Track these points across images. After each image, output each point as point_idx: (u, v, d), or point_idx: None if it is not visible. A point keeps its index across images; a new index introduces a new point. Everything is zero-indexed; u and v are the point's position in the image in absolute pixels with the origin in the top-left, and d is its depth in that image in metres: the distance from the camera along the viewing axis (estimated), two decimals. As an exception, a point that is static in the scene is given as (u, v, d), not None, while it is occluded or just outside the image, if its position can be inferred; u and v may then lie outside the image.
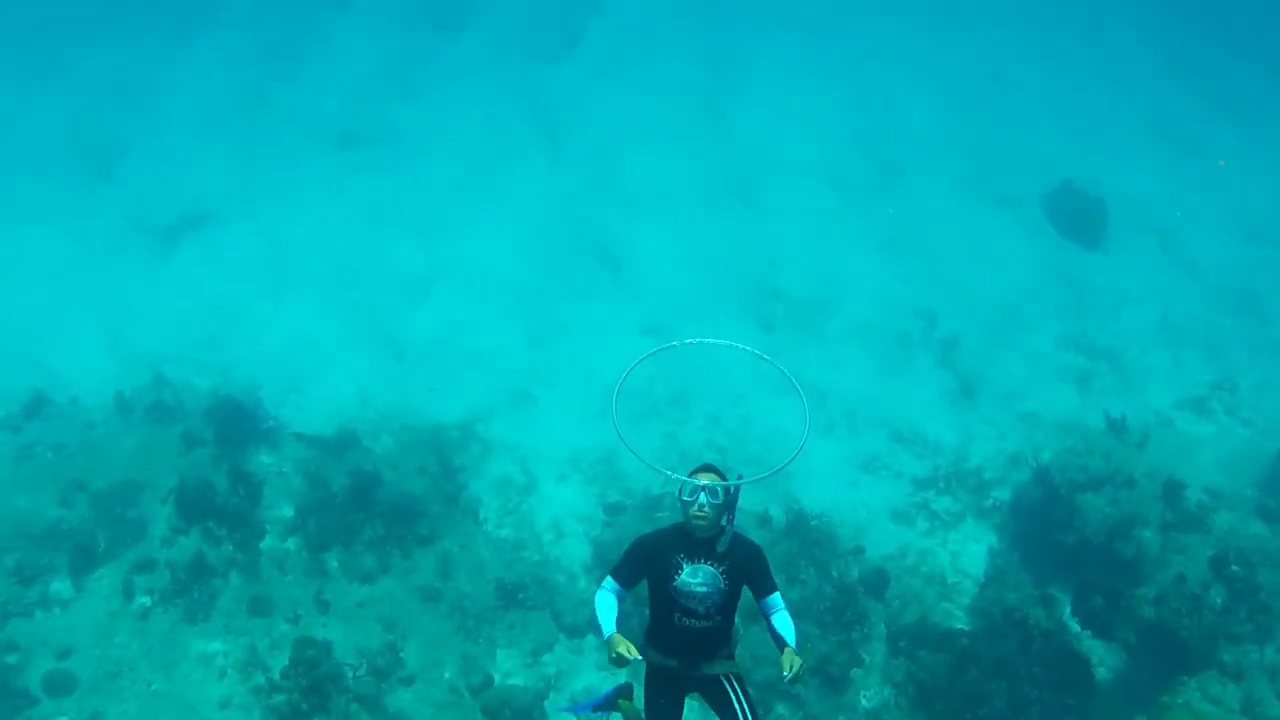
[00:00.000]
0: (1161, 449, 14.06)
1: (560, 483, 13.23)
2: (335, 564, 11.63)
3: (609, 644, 6.35)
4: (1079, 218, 19.50)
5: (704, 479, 6.40)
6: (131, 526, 12.05)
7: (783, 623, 6.57)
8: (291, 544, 11.81)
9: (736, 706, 6.81)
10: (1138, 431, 14.21)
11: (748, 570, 6.51)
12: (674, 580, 6.45)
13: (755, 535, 11.88)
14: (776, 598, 6.63)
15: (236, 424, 13.03)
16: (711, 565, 6.39)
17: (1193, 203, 20.63)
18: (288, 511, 12.10)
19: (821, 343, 15.96)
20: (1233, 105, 24.59)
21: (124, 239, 18.00)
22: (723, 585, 6.44)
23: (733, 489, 6.51)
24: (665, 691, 6.74)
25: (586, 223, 17.94)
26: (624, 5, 24.94)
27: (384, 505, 12.01)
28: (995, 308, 17.10)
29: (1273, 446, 14.15)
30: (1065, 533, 12.44)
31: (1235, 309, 18.29)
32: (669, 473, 6.11)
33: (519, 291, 16.00)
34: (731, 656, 6.87)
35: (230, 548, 11.58)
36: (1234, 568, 12.06)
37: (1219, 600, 11.74)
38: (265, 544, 11.77)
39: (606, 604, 6.59)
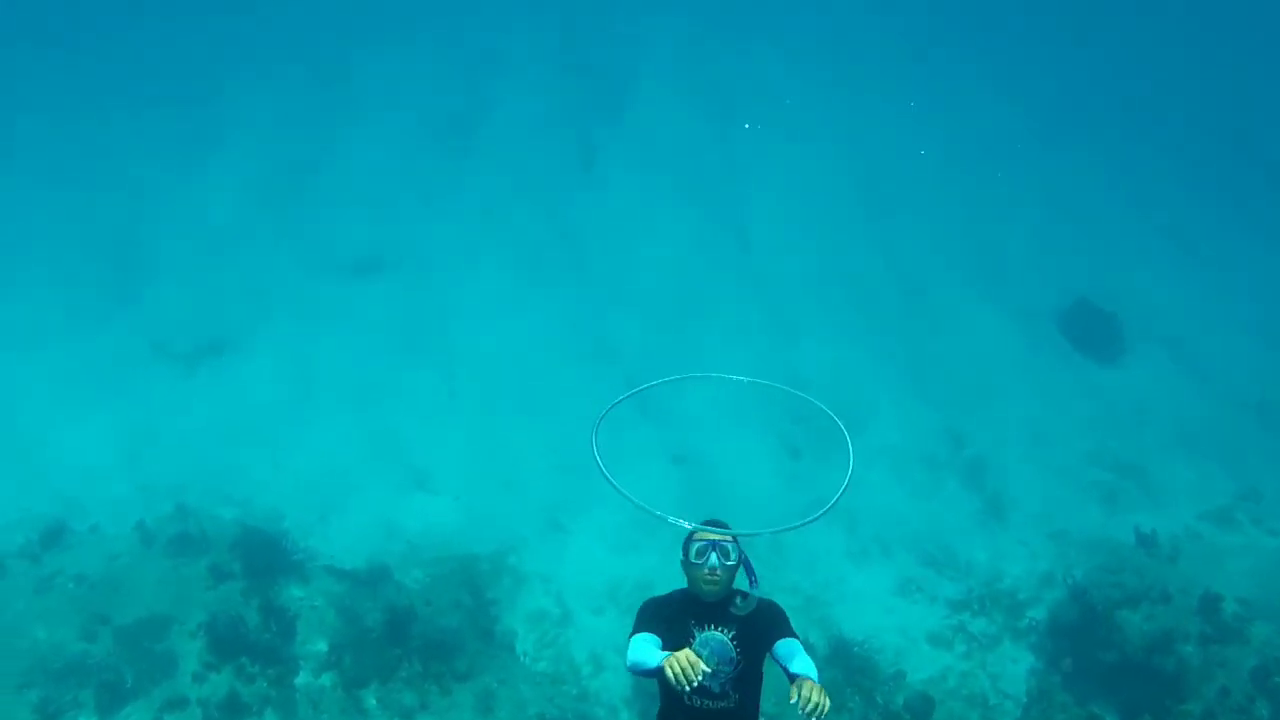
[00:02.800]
0: (1192, 562, 13.98)
1: (596, 615, 12.94)
2: (373, 701, 11.38)
3: (668, 661, 5.36)
4: (1095, 334, 19.68)
5: (712, 534, 5.90)
6: (160, 662, 11.79)
7: (803, 665, 5.73)
8: (326, 680, 11.55)
9: None
10: (1168, 545, 14.15)
11: (763, 631, 5.82)
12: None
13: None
14: (792, 642, 5.80)
15: (265, 556, 12.84)
16: (722, 631, 5.78)
17: (1208, 313, 20.81)
18: (322, 646, 11.85)
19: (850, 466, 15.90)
20: (1246, 215, 24.97)
21: (145, 363, 17.98)
22: (733, 654, 5.79)
23: (743, 550, 5.92)
24: None
25: (612, 348, 18.00)
26: (635, 123, 25.46)
27: (419, 640, 11.78)
28: (1019, 426, 17.13)
29: (1301, 555, 14.17)
30: (1105, 650, 12.35)
31: (1254, 418, 18.35)
32: (671, 518, 5.41)
33: (547, 418, 15.94)
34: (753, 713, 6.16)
35: (264, 685, 11.36)
36: (1276, 679, 11.96)
37: (1265, 712, 11.66)
38: (300, 680, 11.51)
39: (643, 642, 5.77)
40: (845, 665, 12.01)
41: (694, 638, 5.78)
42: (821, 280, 20.04)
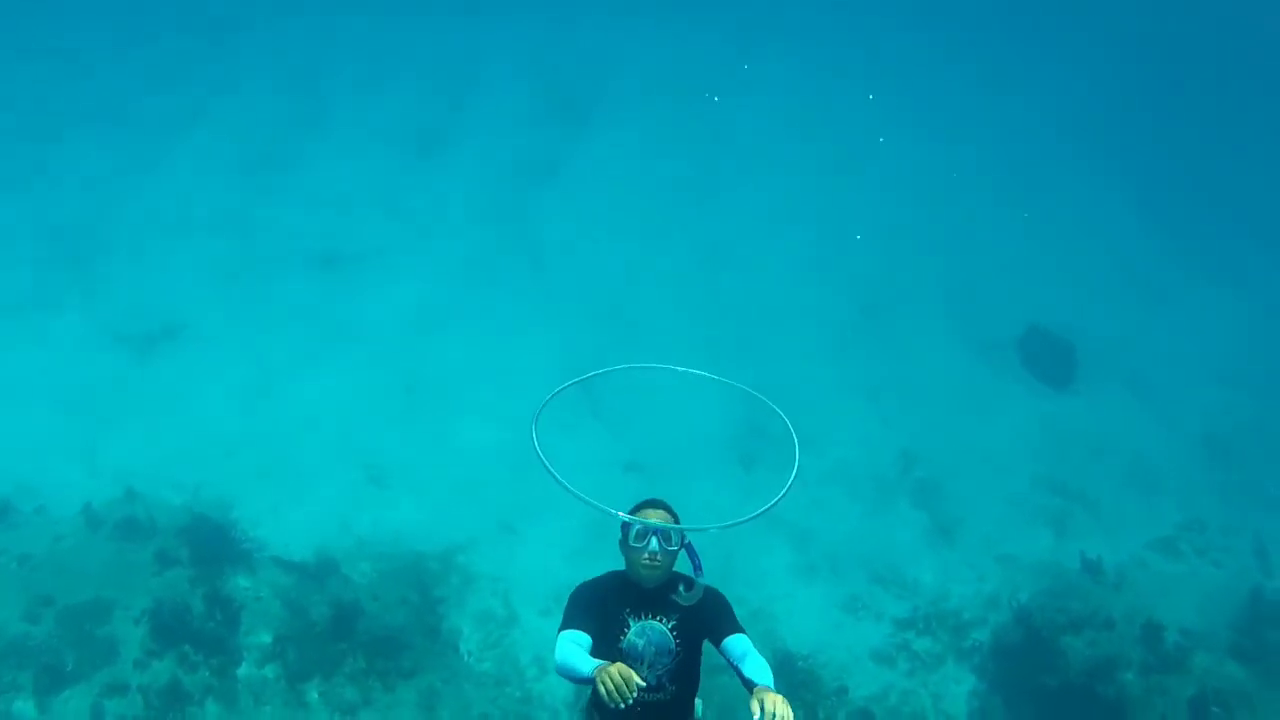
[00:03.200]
0: (1137, 590, 14.14)
1: (543, 617, 12.88)
2: (315, 695, 11.31)
3: (600, 675, 4.97)
4: (1050, 361, 19.88)
5: (652, 516, 5.60)
6: (102, 646, 11.62)
7: (756, 667, 5.36)
8: (270, 672, 11.46)
9: None
10: (1113, 573, 14.32)
11: (704, 620, 5.53)
12: (619, 642, 5.49)
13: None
14: (742, 639, 5.52)
15: (212, 544, 12.71)
16: (661, 621, 5.51)
17: (1160, 346, 21.08)
18: (266, 638, 11.74)
19: (803, 483, 16.00)
20: (1201, 252, 25.32)
21: (98, 346, 17.73)
22: (672, 646, 5.52)
23: (686, 536, 5.62)
24: None
25: (571, 354, 17.96)
26: (604, 135, 25.56)
27: (365, 636, 11.71)
28: (971, 448, 17.26)
29: (1243, 587, 14.33)
30: (1048, 674, 12.46)
31: (1203, 452, 18.59)
32: (607, 509, 5.09)
33: (503, 421, 15.90)
34: (693, 709, 5.86)
35: (206, 674, 11.25)
36: (1214, 709, 12.10)
37: (1201, 742, 11.86)
38: (242, 671, 11.41)
39: (571, 644, 5.33)
40: (789, 679, 12.04)
41: (629, 627, 5.50)
42: (782, 298, 20.11)
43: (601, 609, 5.55)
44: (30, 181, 21.96)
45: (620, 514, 5.45)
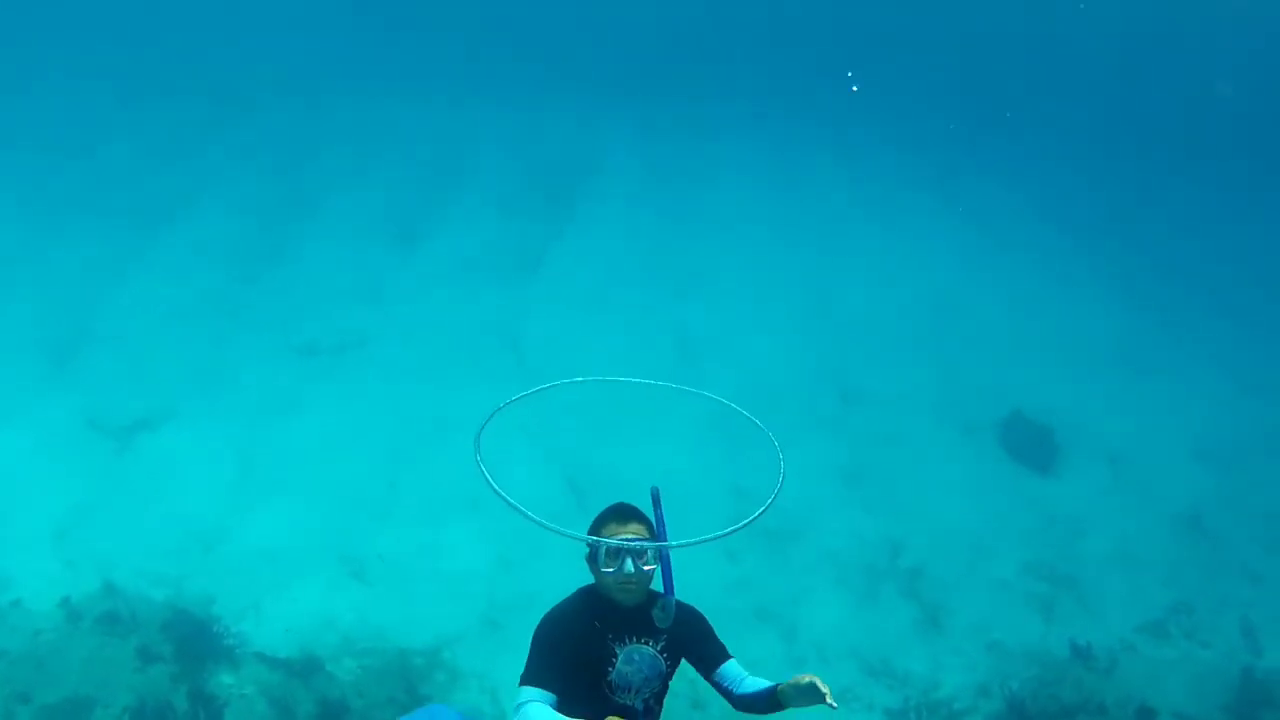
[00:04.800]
0: (1128, 675, 14.10)
1: (531, 716, 12.69)
2: (302, 796, 11.20)
3: None
4: (1031, 445, 19.91)
5: (623, 532, 5.09)
6: (83, 746, 11.53)
7: (750, 687, 5.19)
8: (255, 772, 11.37)
9: None
10: (1104, 658, 14.31)
11: (689, 640, 5.22)
12: (607, 675, 5.08)
13: (732, 772, 11.70)
14: (734, 666, 5.31)
15: (195, 641, 12.55)
16: (648, 644, 5.12)
17: (1140, 427, 21.16)
18: (251, 738, 11.65)
19: (789, 573, 15.91)
20: (1178, 329, 25.56)
21: (76, 436, 17.55)
22: (664, 668, 5.15)
23: (665, 551, 5.15)
24: None
25: (552, 444, 17.90)
26: (583, 232, 25.79)
27: (353, 735, 11.62)
28: (956, 536, 17.21)
29: (1233, 668, 14.32)
30: (1046, 764, 12.43)
31: (1186, 531, 18.58)
32: (568, 532, 4.63)
33: (487, 514, 15.80)
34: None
35: (190, 775, 11.13)
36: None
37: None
38: (227, 772, 11.32)
39: (545, 713, 4.80)
40: (785, 774, 11.89)
41: (616, 656, 5.08)
42: (761, 384, 20.14)
43: (580, 646, 5.07)
44: (9, 268, 21.87)
45: (586, 538, 5.00)
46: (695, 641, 5.25)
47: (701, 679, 5.19)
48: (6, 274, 21.58)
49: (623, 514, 5.22)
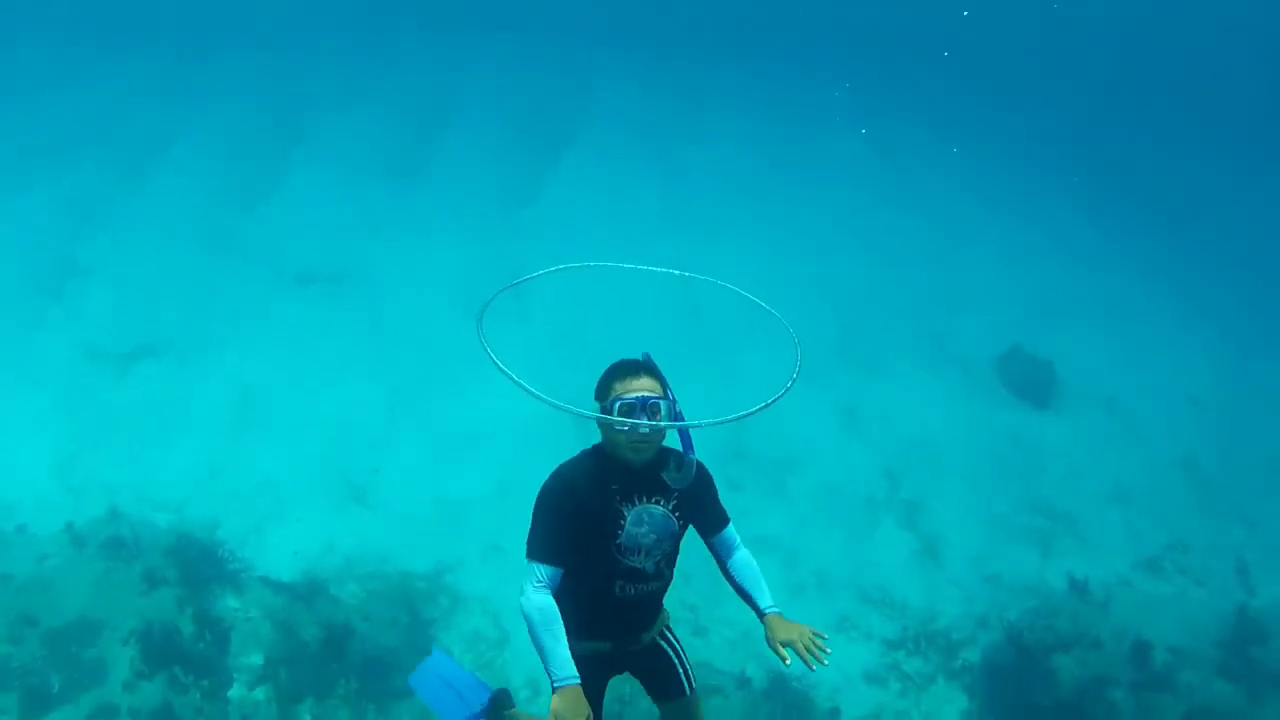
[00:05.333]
0: (1124, 609, 14.17)
1: (534, 639, 12.76)
2: (308, 717, 11.18)
3: (565, 700, 4.66)
4: (1030, 380, 19.99)
5: (639, 388, 4.92)
6: (89, 668, 11.37)
7: (745, 566, 5.24)
8: (261, 694, 11.25)
9: (680, 672, 5.45)
10: (1100, 592, 14.37)
11: (697, 501, 5.12)
12: (615, 538, 4.96)
13: (735, 698, 11.83)
14: (731, 532, 5.30)
15: (200, 565, 12.57)
16: (659, 504, 4.99)
17: (1138, 372, 21.24)
18: (257, 659, 11.55)
19: (788, 503, 15.96)
20: (1171, 279, 25.64)
21: (75, 364, 17.52)
22: (675, 528, 5.06)
23: (675, 401, 5.00)
24: (591, 685, 5.01)
25: (554, 374, 17.87)
26: (582, 165, 25.68)
27: (357, 657, 11.54)
28: (955, 469, 17.27)
29: (1226, 606, 14.43)
30: (1040, 693, 12.50)
31: (1183, 473, 18.71)
32: (576, 410, 4.58)
33: (488, 440, 15.81)
34: (661, 609, 5.42)
35: (197, 696, 11.04)
36: (1204, 726, 12.25)
37: (1191, 758, 11.93)
38: (233, 693, 11.20)
39: (548, 617, 4.87)
40: (782, 700, 11.96)
41: (624, 518, 4.95)
42: (759, 318, 20.13)
43: (586, 509, 4.96)
44: (6, 201, 21.72)
45: (596, 415, 4.87)
46: (703, 503, 5.18)
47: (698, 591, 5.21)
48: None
49: (631, 368, 5.05)
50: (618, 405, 4.92)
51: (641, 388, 4.98)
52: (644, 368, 5.05)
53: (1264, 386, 21.71)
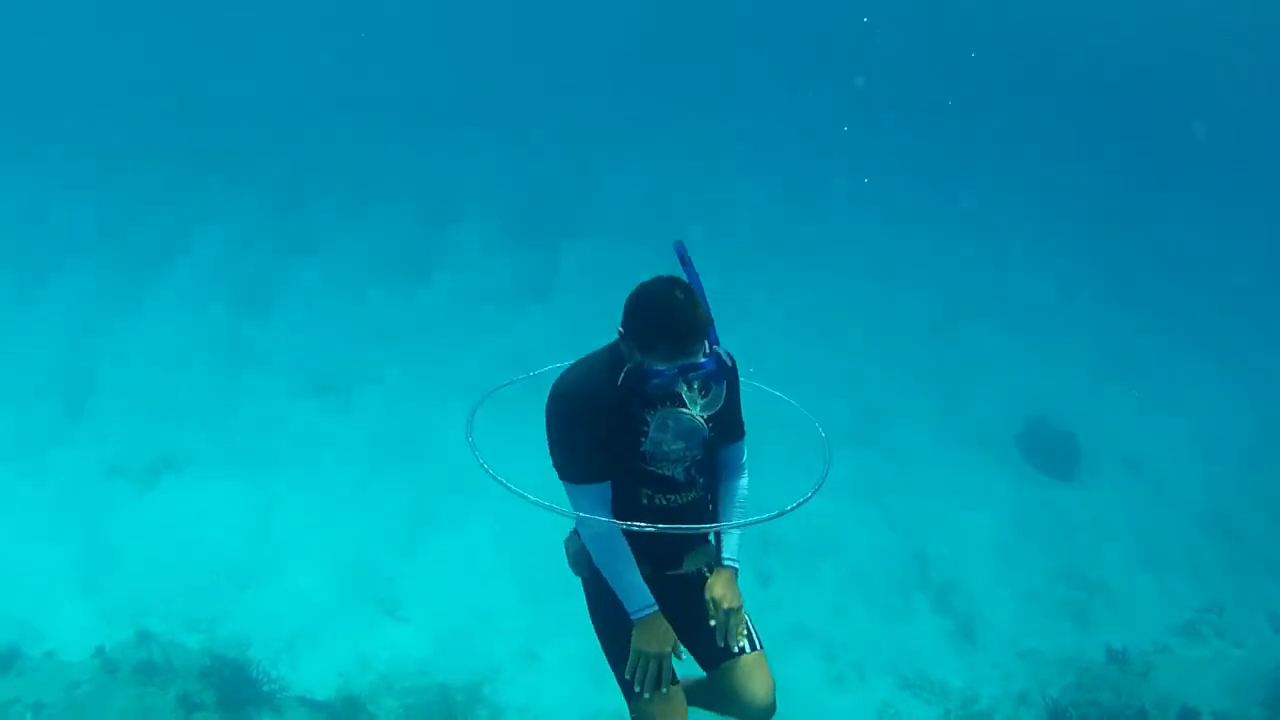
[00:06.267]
0: (1164, 677, 14.06)
1: (576, 748, 12.50)
2: (355, 839, 11.12)
3: (646, 632, 4.46)
4: (1052, 452, 20.02)
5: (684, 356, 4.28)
6: (130, 799, 11.44)
7: (730, 495, 4.94)
8: (307, 817, 11.28)
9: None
10: (1139, 661, 14.28)
11: (723, 407, 4.64)
12: (638, 447, 4.65)
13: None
14: (740, 450, 5.00)
15: (235, 687, 12.52)
16: (684, 408, 4.55)
17: (1156, 427, 21.23)
18: (299, 783, 11.58)
19: (821, 592, 15.87)
20: (1182, 328, 25.68)
21: (97, 482, 17.49)
22: (706, 433, 4.70)
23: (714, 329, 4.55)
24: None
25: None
26: (590, 250, 25.91)
27: (401, 774, 11.55)
28: (984, 547, 17.20)
29: (1267, 664, 14.31)
30: (1089, 771, 12.41)
31: (1209, 530, 18.64)
32: (557, 508, 4.35)
33: (517, 543, 15.73)
34: (709, 536, 5.05)
35: (242, 826, 11.04)
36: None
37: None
38: (280, 821, 11.24)
39: (613, 544, 4.57)
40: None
41: (648, 423, 4.59)
42: (778, 403, 20.14)
43: (603, 414, 4.57)
44: (17, 315, 21.85)
45: (617, 522, 4.46)
46: (727, 408, 4.74)
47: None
48: (9, 322, 21.56)
49: (683, 335, 4.33)
50: (656, 375, 4.34)
51: (687, 355, 4.37)
52: (697, 336, 4.39)
53: (1283, 433, 21.55)
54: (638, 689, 4.60)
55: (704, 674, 5.14)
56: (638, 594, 4.57)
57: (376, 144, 31.81)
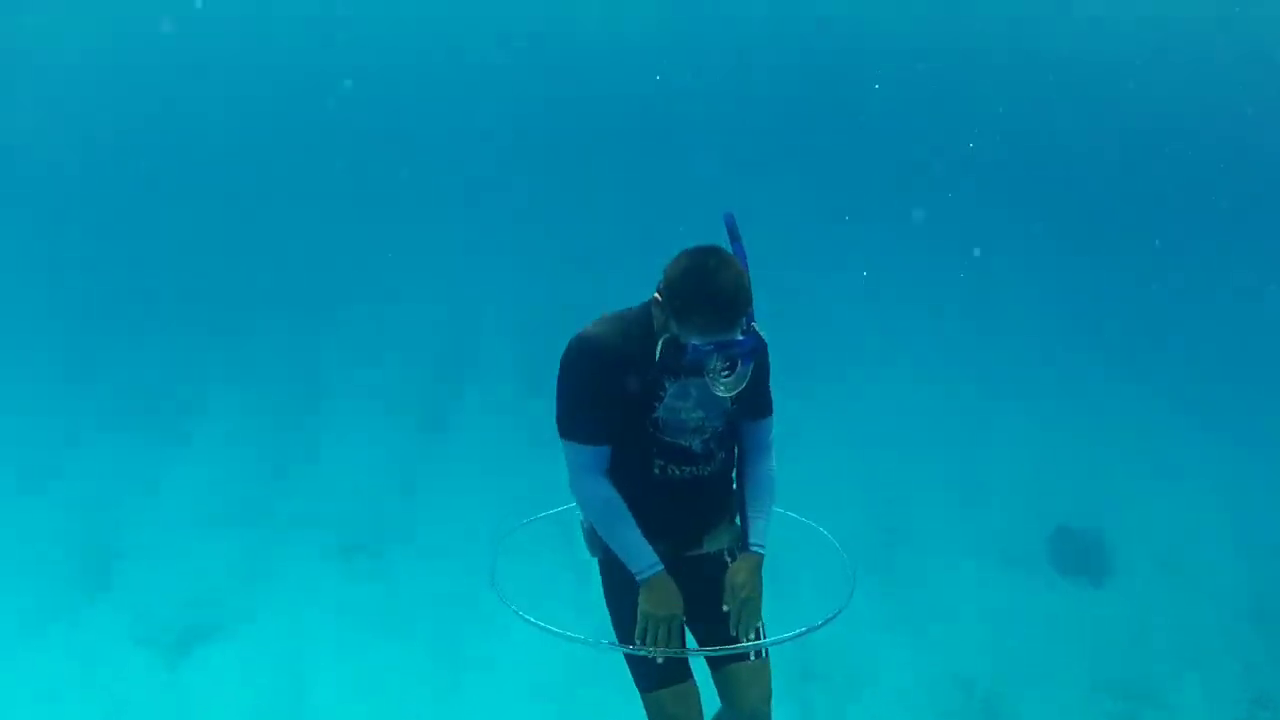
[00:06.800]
0: (1223, 780, 13.88)
1: None
2: None
3: (653, 594, 4.43)
4: (1082, 558, 19.93)
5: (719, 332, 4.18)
6: None
7: (760, 486, 4.89)
8: None
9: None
10: (1198, 767, 14.09)
11: (751, 381, 4.57)
12: (653, 410, 4.62)
13: None
14: (767, 428, 4.96)
15: None
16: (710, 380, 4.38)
17: (1187, 522, 21.05)
18: None
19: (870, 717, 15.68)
20: (1205, 420, 25.51)
21: (127, 653, 17.38)
22: (728, 405, 4.72)
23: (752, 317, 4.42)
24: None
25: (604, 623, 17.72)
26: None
27: None
28: (1022, 664, 16.94)
29: (1328, 753, 14.12)
30: None
31: (1249, 622, 18.40)
32: (607, 644, 4.34)
33: (552, 691, 15.57)
34: (734, 516, 5.05)
35: None
36: None
37: None
38: None
39: (615, 506, 4.53)
40: None
41: (666, 390, 4.59)
42: (800, 530, 20.06)
43: (620, 374, 4.52)
44: (46, 485, 21.79)
45: (642, 649, 4.42)
46: (755, 384, 4.66)
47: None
48: (37, 493, 21.40)
49: (725, 310, 4.25)
50: (696, 340, 4.25)
51: (726, 331, 4.30)
52: (737, 312, 4.35)
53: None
54: (648, 651, 4.51)
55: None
56: (641, 553, 4.51)
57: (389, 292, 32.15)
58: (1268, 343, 30.15)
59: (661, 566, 4.53)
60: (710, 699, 5.59)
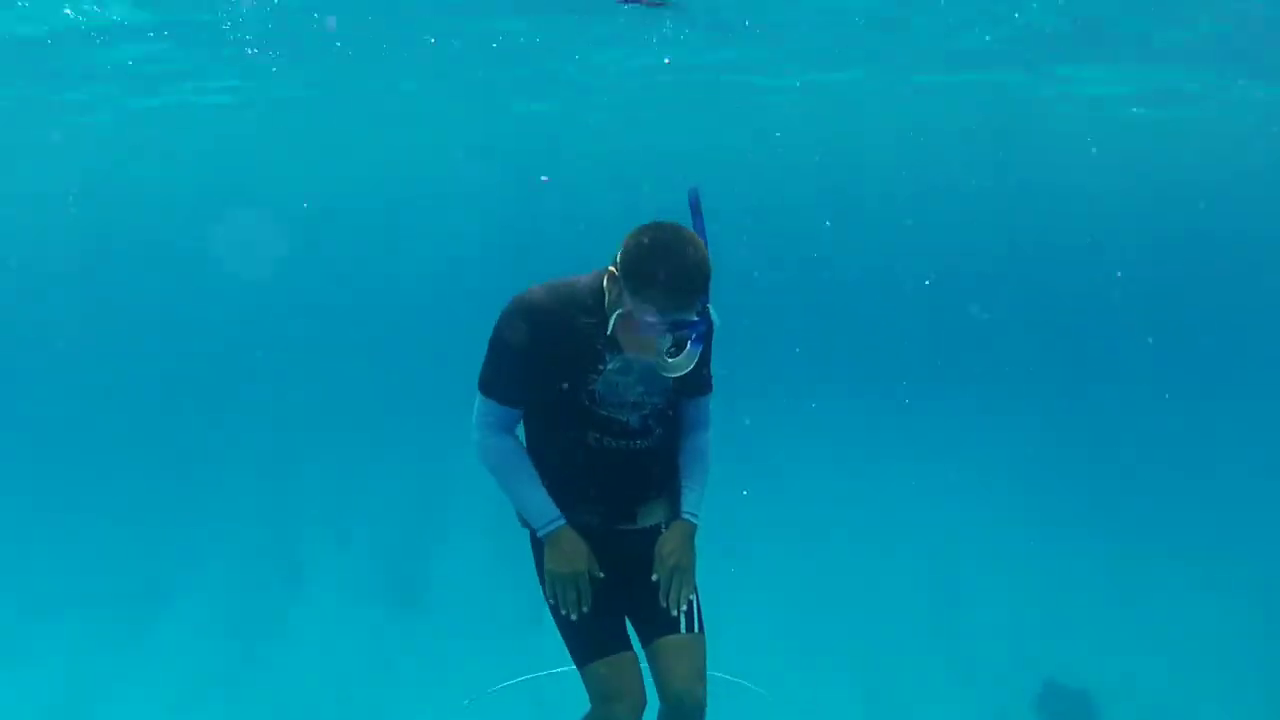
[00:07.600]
0: None
1: None
2: None
3: (556, 549, 4.31)
4: (1069, 714, 19.49)
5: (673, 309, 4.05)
6: None
7: (694, 457, 4.78)
8: None
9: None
10: None
11: (701, 356, 4.48)
12: (589, 384, 4.47)
13: None
14: (705, 406, 4.84)
15: None
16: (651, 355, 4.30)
17: (1172, 670, 20.78)
18: None
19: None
20: (1185, 557, 25.26)
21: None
22: (669, 382, 4.58)
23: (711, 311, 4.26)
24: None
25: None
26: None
27: None
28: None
29: None
30: None
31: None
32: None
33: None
34: (675, 491, 4.88)
35: None
36: None
37: None
38: None
39: (514, 457, 4.44)
40: None
41: (606, 363, 4.45)
42: (782, 692, 19.82)
43: (560, 343, 4.38)
44: (15, 663, 21.18)
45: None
46: (698, 362, 4.53)
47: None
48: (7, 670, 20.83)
49: (683, 287, 4.08)
50: (648, 315, 4.12)
51: (677, 315, 4.15)
52: (696, 291, 4.18)
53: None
54: (564, 611, 4.37)
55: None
56: (542, 508, 4.38)
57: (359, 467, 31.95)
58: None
59: (564, 521, 4.45)
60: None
